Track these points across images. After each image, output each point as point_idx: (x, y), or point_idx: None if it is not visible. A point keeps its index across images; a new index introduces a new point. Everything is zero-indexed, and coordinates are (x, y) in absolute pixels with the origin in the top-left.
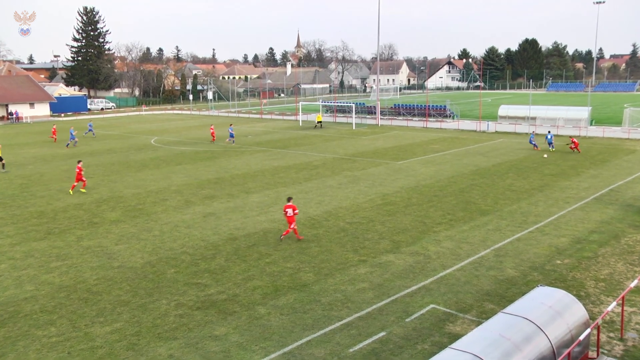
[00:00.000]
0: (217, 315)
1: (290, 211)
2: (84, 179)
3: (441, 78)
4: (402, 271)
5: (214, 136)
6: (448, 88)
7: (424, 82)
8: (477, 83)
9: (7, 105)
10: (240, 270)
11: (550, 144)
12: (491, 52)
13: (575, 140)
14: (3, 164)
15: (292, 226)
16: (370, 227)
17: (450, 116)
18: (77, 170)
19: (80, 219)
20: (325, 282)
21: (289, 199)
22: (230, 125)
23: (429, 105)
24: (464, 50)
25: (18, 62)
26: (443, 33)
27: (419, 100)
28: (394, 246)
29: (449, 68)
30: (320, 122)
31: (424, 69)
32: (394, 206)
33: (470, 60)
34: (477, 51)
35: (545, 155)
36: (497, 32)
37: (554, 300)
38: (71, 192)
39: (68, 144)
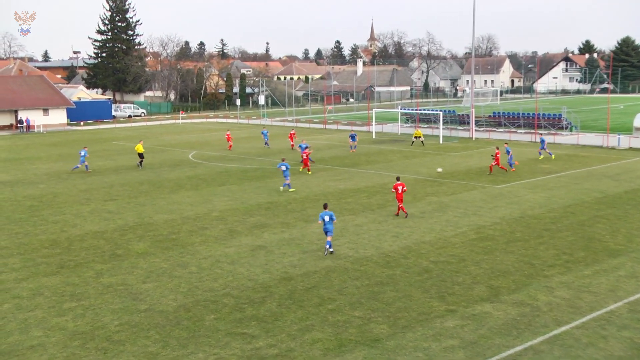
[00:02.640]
0: None
1: (400, 188)
2: None
3: (555, 78)
4: (502, 326)
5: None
6: (564, 91)
7: (533, 83)
8: (605, 85)
9: (16, 112)
10: (296, 318)
11: None
12: (625, 44)
13: (498, 154)
14: (141, 162)
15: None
16: (461, 268)
17: (567, 127)
18: None
19: (100, 250)
20: (403, 337)
21: (397, 178)
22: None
23: (539, 114)
24: (587, 42)
25: (31, 59)
26: (558, 21)
27: (525, 107)
28: (491, 293)
29: (566, 66)
30: (420, 137)
31: (532, 67)
32: (491, 242)
33: (595, 55)
34: (605, 43)
35: None
36: (632, 18)
37: None
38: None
39: (76, 166)
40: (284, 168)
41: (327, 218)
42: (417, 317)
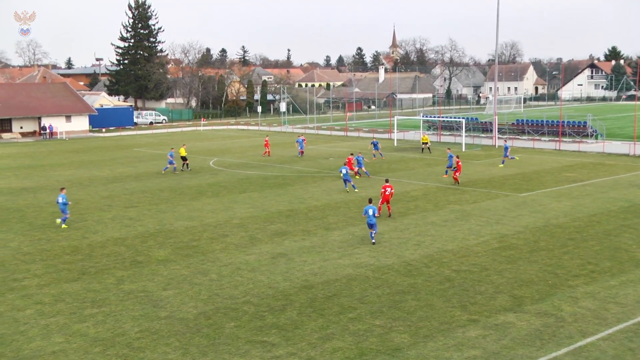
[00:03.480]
0: None
1: (388, 190)
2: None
3: (580, 85)
4: (525, 336)
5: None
6: (590, 99)
7: (557, 90)
8: (632, 92)
9: (39, 119)
10: (316, 327)
11: None
12: None
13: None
14: (187, 164)
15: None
16: (483, 277)
17: (592, 135)
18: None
19: (121, 257)
20: (425, 347)
21: (386, 180)
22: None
23: (563, 122)
24: (613, 48)
25: (54, 66)
26: (583, 27)
27: (550, 114)
28: (514, 303)
29: (592, 72)
30: (427, 144)
31: (557, 74)
32: (515, 251)
33: (621, 61)
34: (632, 49)
35: None
36: None
37: None
38: None
39: (166, 167)
40: (344, 172)
41: (370, 212)
42: (439, 327)
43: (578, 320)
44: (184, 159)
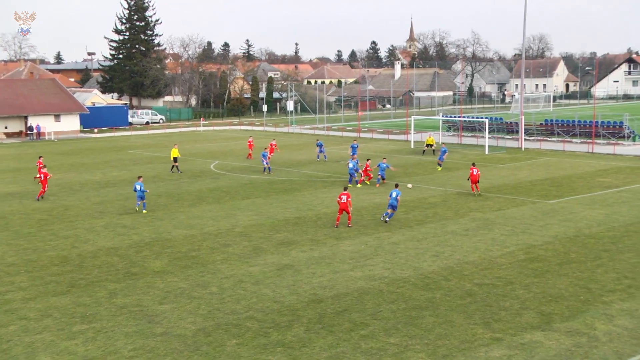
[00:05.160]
0: None
1: (344, 198)
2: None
3: (616, 82)
4: (554, 357)
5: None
6: (627, 96)
7: (590, 88)
8: None
9: (26, 118)
10: (325, 345)
11: None
12: None
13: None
14: (177, 166)
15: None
16: (508, 292)
17: (629, 137)
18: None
19: (114, 268)
20: None
21: (345, 188)
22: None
23: (597, 122)
24: None
25: (43, 61)
26: (620, 18)
27: (582, 114)
28: (542, 320)
29: (629, 67)
30: (432, 145)
31: (590, 69)
32: (543, 263)
33: None
34: None
35: None
36: None
37: None
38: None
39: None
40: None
41: (394, 194)
42: (459, 346)
43: (613, 340)
44: (175, 160)
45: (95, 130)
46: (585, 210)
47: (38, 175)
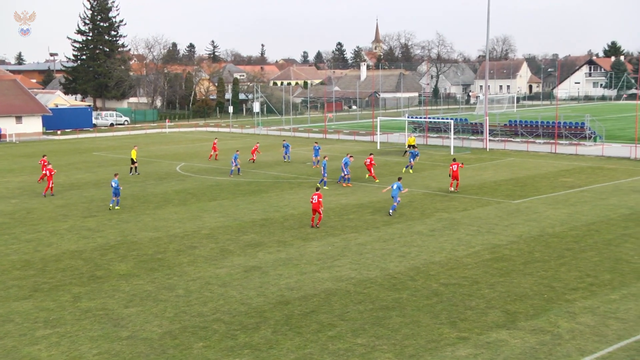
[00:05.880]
0: None
1: (316, 198)
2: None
3: (578, 84)
4: (519, 355)
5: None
6: (588, 97)
7: (553, 89)
8: (633, 90)
9: None
10: (292, 346)
11: None
12: None
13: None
14: (135, 167)
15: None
16: (474, 292)
17: (591, 137)
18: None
19: (78, 272)
20: None
21: (317, 188)
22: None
23: (559, 123)
24: (613, 44)
25: (2, 62)
26: (581, 21)
27: (545, 114)
28: (508, 319)
29: (590, 69)
30: (414, 146)
31: (552, 71)
32: (508, 263)
33: (622, 58)
34: (634, 44)
35: None
36: None
37: None
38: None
39: (232, 171)
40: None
41: (395, 186)
42: (426, 345)
43: (576, 337)
44: (133, 162)
45: (59, 132)
46: (548, 210)
47: (43, 172)
